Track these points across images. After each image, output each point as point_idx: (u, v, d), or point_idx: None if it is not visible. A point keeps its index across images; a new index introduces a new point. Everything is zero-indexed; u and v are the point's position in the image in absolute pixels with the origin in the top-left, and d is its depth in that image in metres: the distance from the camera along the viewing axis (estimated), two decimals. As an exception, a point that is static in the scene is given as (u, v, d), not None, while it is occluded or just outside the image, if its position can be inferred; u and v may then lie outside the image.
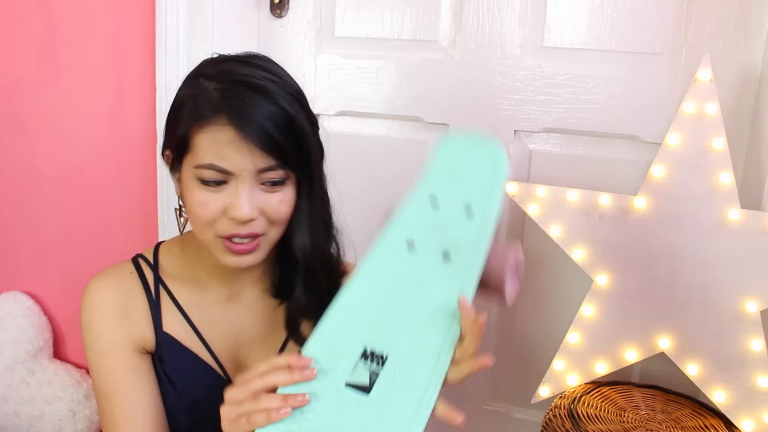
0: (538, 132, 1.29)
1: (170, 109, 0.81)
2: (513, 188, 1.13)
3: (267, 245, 0.81)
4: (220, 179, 0.75)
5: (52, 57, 1.43)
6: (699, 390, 1.06)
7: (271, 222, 0.79)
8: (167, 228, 1.40)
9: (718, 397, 1.04)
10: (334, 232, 0.88)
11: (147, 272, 0.88)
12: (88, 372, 1.54)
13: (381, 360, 0.61)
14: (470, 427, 0.85)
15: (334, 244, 0.88)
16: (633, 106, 1.22)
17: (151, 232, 1.43)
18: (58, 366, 1.51)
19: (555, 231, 1.10)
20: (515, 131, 1.30)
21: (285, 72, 0.81)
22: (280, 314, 0.88)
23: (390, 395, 0.58)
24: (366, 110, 1.37)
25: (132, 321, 0.85)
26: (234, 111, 0.73)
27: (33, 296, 1.56)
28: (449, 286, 0.64)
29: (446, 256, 0.68)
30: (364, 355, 0.62)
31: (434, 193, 0.75)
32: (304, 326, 0.85)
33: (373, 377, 0.60)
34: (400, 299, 0.65)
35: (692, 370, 1.05)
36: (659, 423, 1.04)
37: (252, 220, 0.76)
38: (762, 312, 1.01)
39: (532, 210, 1.11)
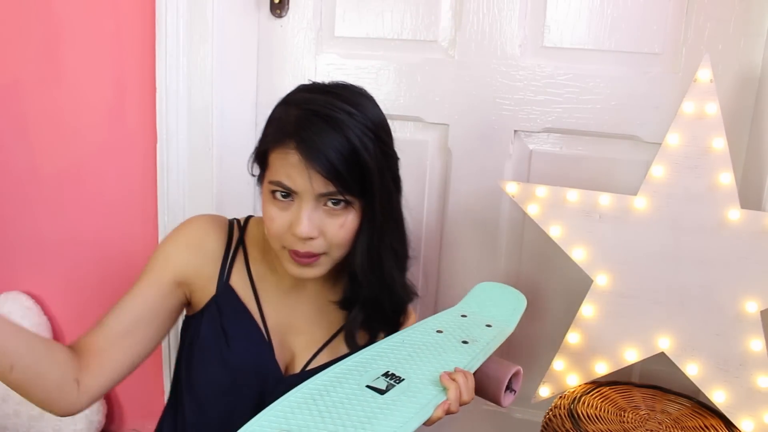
0: (538, 132, 1.29)
1: (264, 127, 0.88)
2: (513, 188, 1.13)
3: (329, 262, 0.87)
4: (287, 198, 0.83)
5: (52, 57, 1.43)
6: (699, 390, 1.06)
7: (331, 244, 0.85)
8: (167, 228, 1.40)
9: (718, 397, 1.04)
10: (408, 262, 0.95)
11: (235, 232, 0.96)
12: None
13: (398, 380, 0.78)
14: (470, 427, 0.85)
15: (406, 272, 0.95)
16: (633, 106, 1.22)
17: (151, 232, 1.43)
18: (58, 366, 1.51)
19: (555, 231, 1.10)
20: (515, 131, 1.30)
21: (369, 104, 0.87)
22: (332, 313, 0.96)
23: (398, 400, 0.75)
24: (366, 110, 1.36)
25: (201, 254, 0.92)
26: (302, 138, 0.80)
27: (33, 296, 1.56)
28: (460, 358, 0.84)
29: (465, 342, 0.88)
30: (386, 374, 0.79)
31: (465, 312, 0.98)
32: (360, 336, 0.95)
33: (389, 387, 0.77)
34: (423, 353, 0.85)
35: (692, 370, 1.05)
36: (659, 423, 1.04)
37: (311, 238, 0.83)
38: (762, 312, 1.01)
39: (532, 210, 1.11)
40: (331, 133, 0.80)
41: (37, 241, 1.54)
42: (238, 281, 0.93)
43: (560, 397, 1.12)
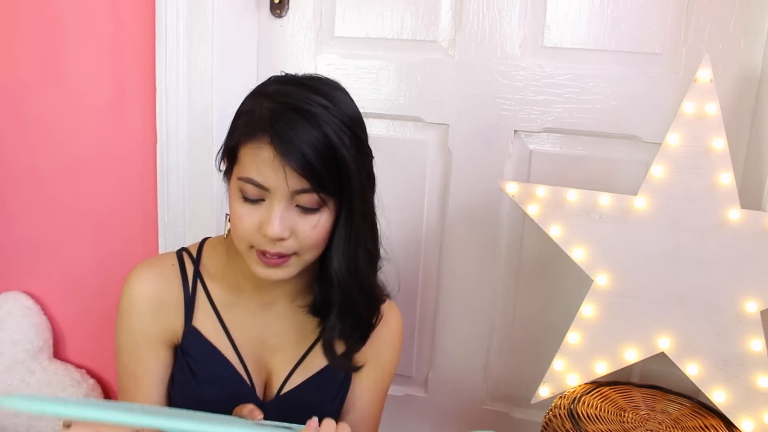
0: (538, 132, 1.29)
1: (232, 119, 0.84)
2: (513, 188, 1.13)
3: (299, 264, 0.83)
4: (257, 196, 0.79)
5: (52, 57, 1.43)
6: (699, 390, 1.06)
7: (302, 245, 0.80)
8: (167, 228, 1.40)
9: (718, 397, 1.04)
10: (380, 263, 0.90)
11: (188, 266, 0.90)
12: (88, 372, 1.54)
13: None
14: (470, 427, 0.85)
15: (379, 274, 0.90)
16: (633, 106, 1.22)
17: (151, 232, 1.43)
18: (58, 366, 1.51)
19: (555, 231, 1.10)
20: (515, 131, 1.30)
21: (345, 98, 0.83)
22: (307, 327, 0.92)
23: None
24: (366, 110, 1.35)
25: (165, 314, 0.88)
26: (276, 132, 0.76)
27: (33, 296, 1.56)
28: None
29: None
30: None
31: None
32: (337, 345, 0.90)
33: None
34: None
35: (692, 370, 1.05)
36: (659, 423, 1.04)
37: (282, 239, 0.78)
38: (762, 312, 1.01)
39: (532, 210, 1.11)
40: (308, 128, 0.76)
41: (37, 241, 1.54)
42: (203, 319, 0.89)
43: (560, 397, 1.12)
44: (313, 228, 0.80)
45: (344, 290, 0.85)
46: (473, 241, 1.35)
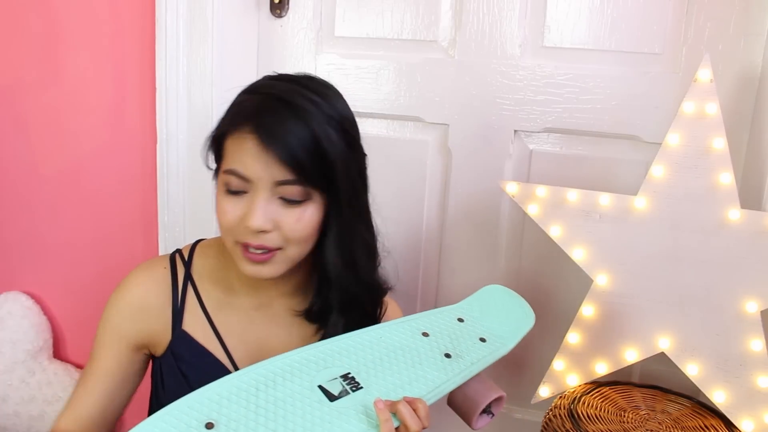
0: (538, 132, 1.29)
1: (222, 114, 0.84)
2: (513, 188, 1.13)
3: (285, 261, 0.81)
4: (240, 188, 0.78)
5: (52, 57, 1.43)
6: (699, 390, 1.06)
7: (287, 239, 0.79)
8: (167, 228, 1.40)
9: (718, 397, 1.04)
10: (378, 258, 0.89)
11: (180, 269, 0.90)
12: (88, 372, 1.55)
13: (355, 386, 0.71)
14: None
15: (378, 270, 0.89)
16: (633, 106, 1.22)
17: (151, 233, 1.43)
18: (58, 366, 1.51)
19: (555, 231, 1.10)
20: (515, 131, 1.30)
21: (336, 97, 0.83)
22: (307, 330, 0.89)
23: (346, 411, 0.67)
24: (366, 110, 1.37)
25: (148, 317, 0.87)
26: (260, 122, 0.76)
27: (33, 296, 1.56)
28: (435, 375, 0.76)
29: (447, 355, 0.79)
30: (345, 376, 0.71)
31: (463, 316, 0.88)
32: None
33: (342, 394, 0.69)
34: (396, 358, 0.76)
35: (692, 370, 1.05)
36: (659, 423, 1.04)
37: (265, 231, 0.77)
38: (762, 312, 1.01)
39: (532, 210, 1.11)
40: (292, 120, 0.76)
41: (36, 241, 1.54)
42: (193, 323, 0.88)
43: (560, 397, 1.12)
44: (297, 221, 0.78)
45: (343, 284, 0.84)
46: (473, 241, 1.35)
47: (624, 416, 1.06)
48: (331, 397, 0.68)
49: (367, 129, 1.38)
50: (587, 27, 1.23)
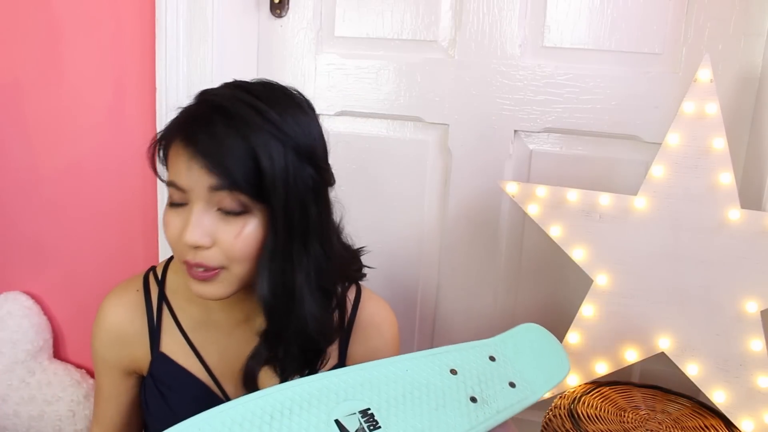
0: (538, 132, 1.29)
1: None
2: (513, 188, 1.13)
3: (230, 280, 0.76)
4: (180, 200, 0.75)
5: (52, 57, 1.43)
6: (699, 390, 1.06)
7: (228, 256, 0.74)
8: (167, 228, 1.40)
9: (718, 397, 1.04)
10: (334, 299, 0.82)
11: (153, 289, 0.88)
12: (87, 372, 1.55)
13: (373, 425, 0.67)
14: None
15: (330, 312, 0.82)
16: (633, 106, 1.22)
17: (151, 233, 1.43)
18: (58, 366, 1.51)
19: (555, 231, 1.10)
20: (515, 131, 1.30)
21: (299, 113, 0.77)
22: None
23: None
24: (366, 110, 1.37)
25: (126, 344, 0.87)
26: (190, 129, 0.73)
27: (33, 296, 1.55)
28: (459, 421, 0.71)
29: (473, 400, 0.74)
30: (364, 413, 0.68)
31: (495, 355, 0.82)
32: (266, 376, 0.81)
33: (359, 431, 0.66)
34: (419, 398, 0.71)
35: (692, 370, 1.05)
36: (659, 423, 1.04)
37: (201, 246, 0.73)
38: (762, 312, 1.01)
39: (532, 210, 1.11)
40: (224, 128, 0.71)
41: (37, 241, 1.54)
42: (171, 343, 0.86)
43: (560, 397, 1.12)
44: (236, 236, 0.73)
45: (268, 314, 0.77)
46: (473, 241, 1.35)
47: (624, 416, 1.06)
48: None
49: (367, 129, 1.39)
50: (587, 27, 1.23)
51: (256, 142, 0.71)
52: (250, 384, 0.81)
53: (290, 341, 0.78)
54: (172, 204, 0.76)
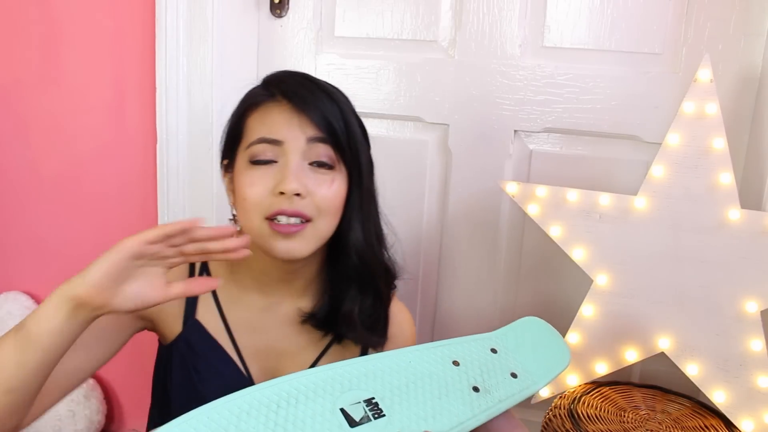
0: (538, 132, 1.29)
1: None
2: (513, 188, 1.13)
3: (314, 236, 0.80)
4: (270, 157, 0.79)
5: (52, 57, 1.43)
6: (699, 390, 1.06)
7: (318, 208, 0.79)
8: (167, 228, 1.40)
9: (718, 397, 1.04)
10: (387, 246, 0.91)
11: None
12: (88, 372, 1.55)
13: (378, 413, 0.69)
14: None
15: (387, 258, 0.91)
16: (633, 106, 1.22)
17: (151, 232, 1.43)
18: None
19: (555, 231, 1.10)
20: (515, 131, 1.30)
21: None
22: (315, 331, 0.89)
23: None
24: (366, 110, 1.36)
25: None
26: (289, 91, 0.80)
27: (33, 296, 1.56)
28: (461, 410, 0.73)
29: (476, 389, 0.76)
30: (369, 402, 0.70)
31: (497, 347, 0.84)
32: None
33: (363, 420, 0.67)
34: (422, 387, 0.74)
35: (692, 370, 1.05)
36: (659, 423, 1.04)
37: (299, 195, 0.77)
38: (762, 312, 1.01)
39: (532, 210, 1.11)
40: (321, 93, 0.80)
41: (37, 241, 1.54)
42: (206, 313, 0.87)
43: (560, 397, 1.12)
44: (328, 188, 0.79)
45: (364, 260, 0.85)
46: (473, 241, 1.35)
47: (624, 416, 1.06)
48: (352, 423, 0.67)
49: (367, 129, 1.39)
50: (587, 27, 1.23)
51: (342, 107, 0.81)
52: (351, 324, 0.86)
53: (378, 283, 0.87)
54: (257, 162, 0.79)
